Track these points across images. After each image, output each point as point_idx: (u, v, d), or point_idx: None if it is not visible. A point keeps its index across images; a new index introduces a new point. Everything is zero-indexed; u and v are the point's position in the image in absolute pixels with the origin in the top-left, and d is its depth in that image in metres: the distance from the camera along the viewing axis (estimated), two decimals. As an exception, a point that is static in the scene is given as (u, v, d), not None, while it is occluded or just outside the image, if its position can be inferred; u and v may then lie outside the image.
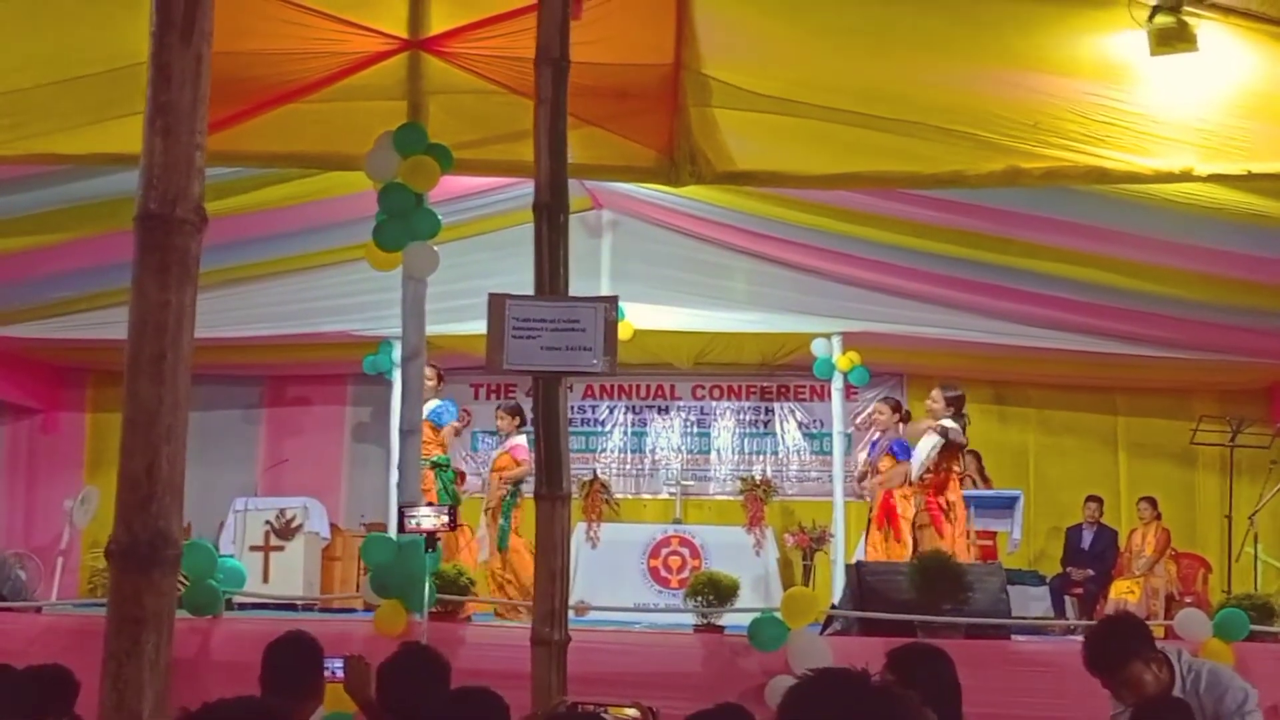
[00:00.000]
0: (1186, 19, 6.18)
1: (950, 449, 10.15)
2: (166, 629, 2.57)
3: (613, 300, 5.25)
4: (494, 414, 12.14)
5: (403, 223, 7.72)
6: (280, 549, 11.67)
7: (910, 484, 10.37)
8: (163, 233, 2.59)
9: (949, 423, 10.16)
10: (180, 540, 2.61)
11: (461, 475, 11.54)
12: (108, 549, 2.61)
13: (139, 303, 2.60)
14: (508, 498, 11.30)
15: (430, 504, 9.83)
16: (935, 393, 10.62)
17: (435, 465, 10.73)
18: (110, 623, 2.58)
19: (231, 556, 9.99)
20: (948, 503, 10.21)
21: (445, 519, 7.20)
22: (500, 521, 11.23)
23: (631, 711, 3.98)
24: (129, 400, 2.60)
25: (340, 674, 5.14)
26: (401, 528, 7.26)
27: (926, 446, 10.04)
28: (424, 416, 10.09)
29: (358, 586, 11.50)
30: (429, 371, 10.32)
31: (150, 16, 2.61)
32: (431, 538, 7.31)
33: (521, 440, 11.49)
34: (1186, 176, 6.88)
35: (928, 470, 10.14)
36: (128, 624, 2.53)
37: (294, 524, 11.72)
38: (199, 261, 2.66)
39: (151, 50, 2.62)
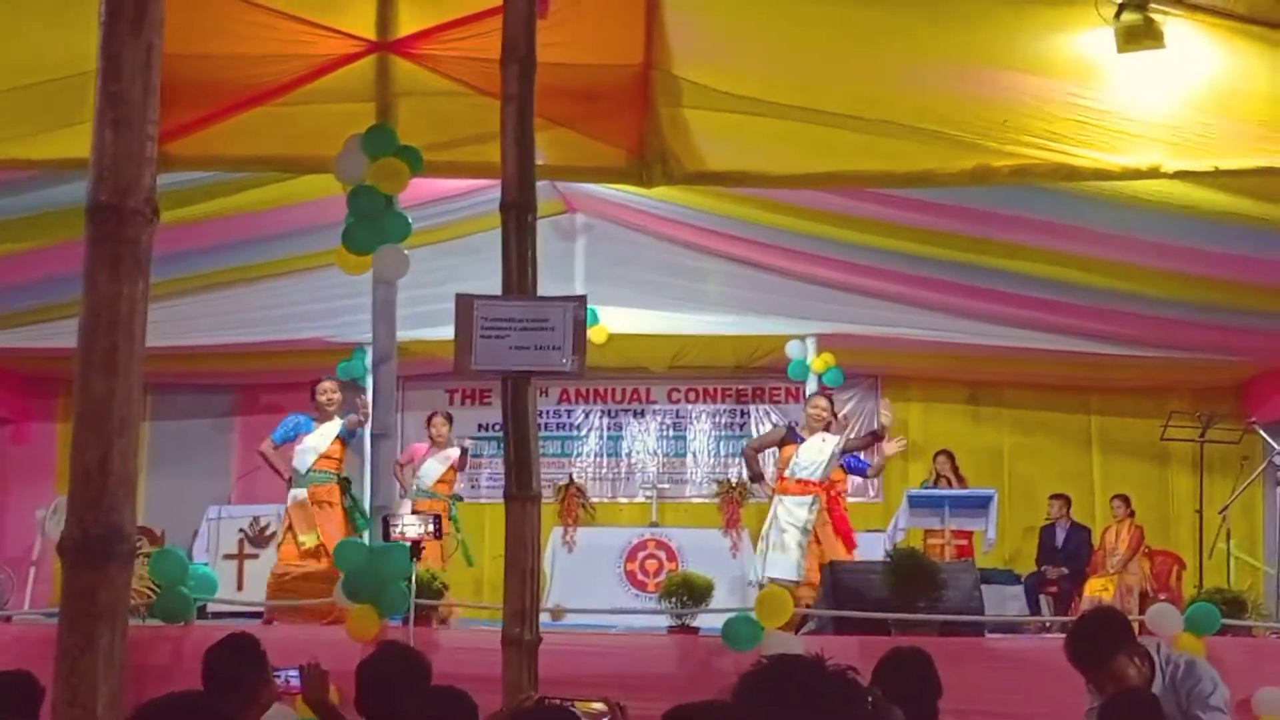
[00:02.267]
0: (1153, 16, 6.21)
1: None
2: (121, 624, 2.54)
3: (581, 299, 5.23)
4: (433, 422, 11.95)
5: (372, 225, 7.69)
6: (254, 557, 11.64)
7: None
8: (114, 224, 2.56)
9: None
10: (134, 534, 2.59)
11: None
12: (60, 544, 2.59)
13: (90, 295, 2.58)
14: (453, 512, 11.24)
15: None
16: (822, 400, 10.53)
17: (344, 481, 10.37)
18: (63, 618, 2.55)
19: (204, 564, 9.92)
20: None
21: (430, 527, 7.18)
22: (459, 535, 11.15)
23: (599, 705, 3.96)
24: (80, 394, 2.58)
25: (293, 683, 5.10)
26: (385, 535, 7.22)
27: (829, 448, 9.96)
28: (336, 433, 10.08)
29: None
30: (334, 385, 10.28)
31: (99, 7, 2.59)
32: (416, 546, 7.29)
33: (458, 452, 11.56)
34: (1154, 173, 6.90)
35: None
36: (81, 619, 2.50)
37: (267, 532, 11.69)
38: (150, 253, 2.63)
39: (101, 41, 2.60)
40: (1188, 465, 13.06)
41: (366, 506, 9.84)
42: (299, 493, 9.91)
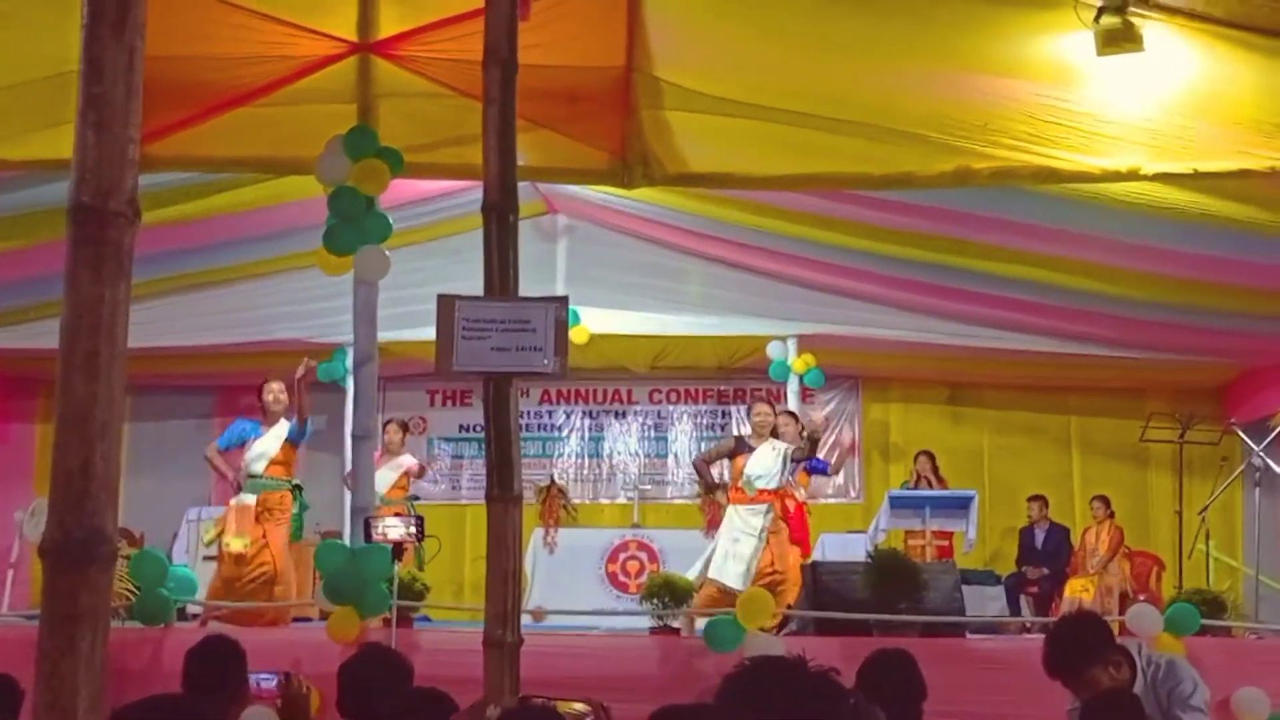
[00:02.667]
0: (1132, 20, 6.23)
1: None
2: (102, 627, 2.53)
3: (563, 300, 5.22)
4: (387, 429, 11.65)
5: (353, 226, 7.68)
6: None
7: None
8: (96, 226, 2.56)
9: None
10: (115, 537, 2.59)
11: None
12: (41, 546, 2.59)
13: (72, 297, 2.57)
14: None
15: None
16: (764, 406, 10.32)
17: (296, 488, 10.15)
18: (44, 621, 2.54)
19: (184, 566, 9.89)
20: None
21: (412, 530, 7.16)
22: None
23: (580, 706, 3.96)
24: (62, 396, 2.57)
25: (264, 685, 5.08)
26: (367, 537, 7.20)
27: (780, 455, 9.89)
28: (285, 436, 9.93)
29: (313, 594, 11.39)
30: (280, 387, 10.03)
31: (82, 9, 2.59)
32: (398, 548, 7.26)
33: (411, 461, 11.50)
34: (1134, 176, 6.95)
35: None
36: (62, 622, 2.50)
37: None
38: (132, 255, 2.62)
39: (83, 43, 2.59)
40: (1167, 466, 13.11)
41: (346, 509, 9.83)
42: (247, 498, 9.72)
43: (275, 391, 10.00)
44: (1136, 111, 6.67)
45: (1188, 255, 9.33)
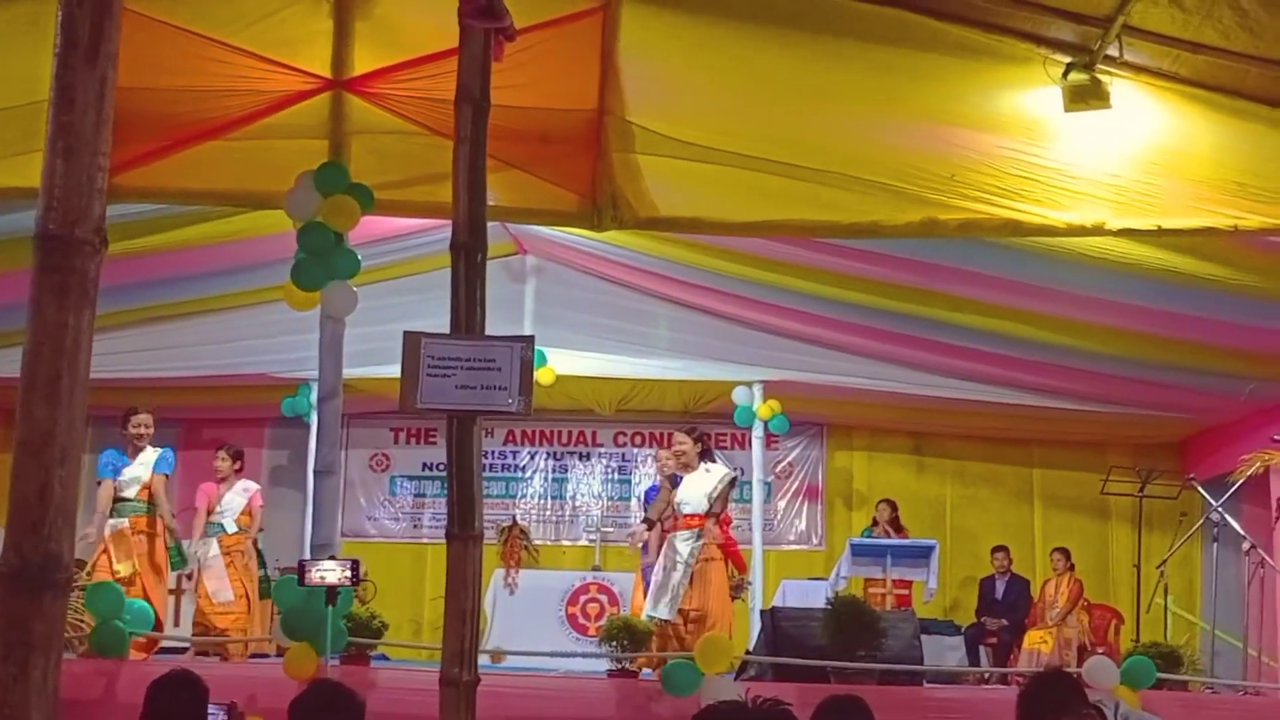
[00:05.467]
0: (1100, 77, 6.35)
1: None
2: (55, 654, 2.52)
3: (529, 340, 5.23)
4: (218, 454, 11.44)
5: (322, 262, 7.67)
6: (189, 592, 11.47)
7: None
8: (62, 254, 2.56)
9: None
10: (71, 564, 2.58)
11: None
12: (-4, 571, 2.58)
13: (36, 323, 2.57)
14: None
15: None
16: (681, 435, 10.03)
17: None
18: (-3, 647, 2.53)
19: (140, 599, 9.79)
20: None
21: (348, 573, 7.04)
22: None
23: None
24: (23, 421, 2.56)
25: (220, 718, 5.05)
26: (301, 580, 7.08)
27: (713, 479, 9.81)
28: (153, 469, 9.98)
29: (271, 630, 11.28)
30: (148, 419, 10.11)
31: (55, 38, 2.60)
32: (333, 591, 7.14)
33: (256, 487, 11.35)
34: (1099, 231, 7.01)
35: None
36: (15, 648, 2.48)
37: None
38: (98, 283, 2.63)
39: (55, 71, 2.61)
40: (1127, 520, 13.19)
41: (307, 545, 9.74)
42: (119, 522, 9.78)
43: (142, 425, 10.11)
44: (1102, 167, 6.75)
45: (1150, 311, 9.43)
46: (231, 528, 10.94)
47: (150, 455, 10.07)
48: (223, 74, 7.02)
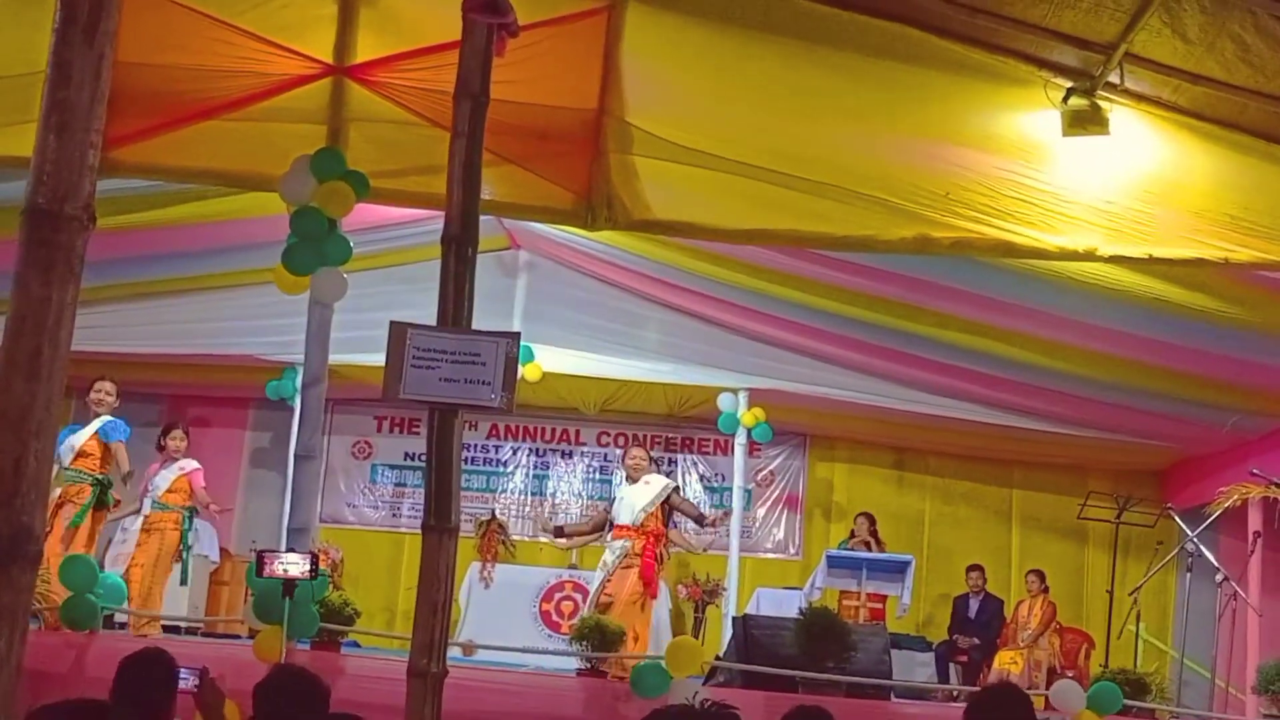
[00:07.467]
0: (1100, 103, 6.37)
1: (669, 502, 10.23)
2: (21, 626, 2.52)
3: (515, 336, 5.24)
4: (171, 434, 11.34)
5: (314, 247, 7.65)
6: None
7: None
8: (50, 229, 2.56)
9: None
10: (42, 537, 2.58)
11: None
12: (-35, 542, 2.57)
13: (20, 297, 2.57)
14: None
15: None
16: (635, 449, 10.72)
17: (98, 483, 10.03)
18: (-39, 619, 2.53)
19: (116, 573, 9.78)
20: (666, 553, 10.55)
21: (308, 568, 6.99)
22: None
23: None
24: (1, 395, 2.56)
25: (191, 682, 5.05)
26: (259, 571, 7.02)
27: (651, 491, 10.04)
28: (93, 430, 10.02)
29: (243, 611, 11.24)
30: (110, 387, 10.21)
31: (54, 14, 2.60)
32: (291, 584, 7.07)
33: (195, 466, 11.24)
34: (1090, 256, 7.02)
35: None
36: (-19, 619, 2.49)
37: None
38: (84, 259, 2.63)
39: (53, 47, 2.61)
40: (1104, 545, 13.24)
41: (284, 528, 9.72)
42: (56, 492, 9.74)
43: (102, 391, 10.20)
44: (1097, 193, 6.77)
45: (1137, 338, 9.46)
46: (153, 506, 10.79)
47: (96, 422, 10.07)
48: (225, 54, 7.01)
